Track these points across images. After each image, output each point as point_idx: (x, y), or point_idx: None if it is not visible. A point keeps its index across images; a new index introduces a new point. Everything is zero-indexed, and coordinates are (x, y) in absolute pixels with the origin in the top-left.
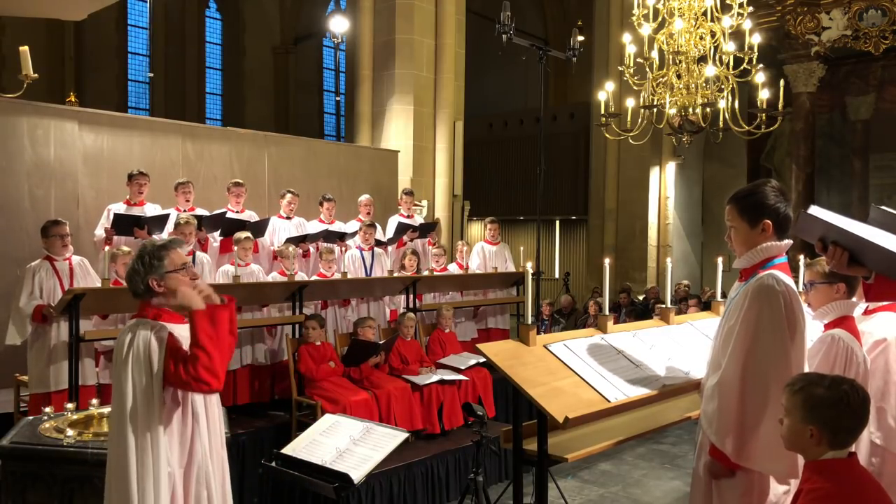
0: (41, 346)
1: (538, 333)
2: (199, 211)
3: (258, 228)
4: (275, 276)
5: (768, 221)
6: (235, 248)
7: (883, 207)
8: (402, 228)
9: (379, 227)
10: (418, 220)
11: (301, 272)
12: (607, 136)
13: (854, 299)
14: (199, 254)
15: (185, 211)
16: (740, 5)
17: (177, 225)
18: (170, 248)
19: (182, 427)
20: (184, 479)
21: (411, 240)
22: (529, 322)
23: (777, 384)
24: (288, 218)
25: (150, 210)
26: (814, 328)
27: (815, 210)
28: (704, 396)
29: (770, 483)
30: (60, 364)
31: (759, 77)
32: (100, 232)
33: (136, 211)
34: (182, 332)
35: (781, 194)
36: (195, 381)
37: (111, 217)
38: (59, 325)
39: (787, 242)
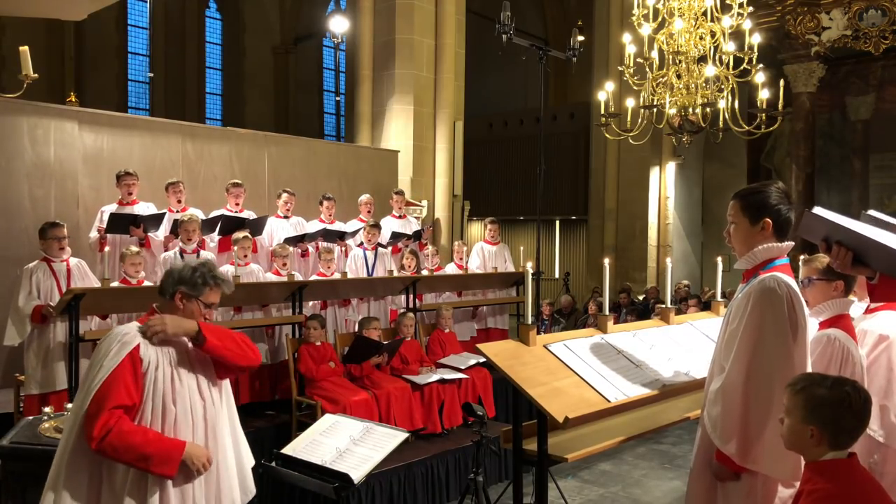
0: (38, 347)
1: (538, 333)
2: (193, 211)
3: (256, 226)
4: (268, 276)
5: (768, 220)
6: (235, 247)
7: (871, 212)
8: (395, 238)
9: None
10: (411, 220)
11: (296, 272)
12: (607, 136)
13: (854, 298)
14: (202, 252)
15: (177, 211)
16: (740, 5)
17: (180, 223)
18: (218, 284)
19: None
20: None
21: (406, 245)
22: (529, 322)
23: (781, 387)
24: (286, 217)
25: (142, 209)
26: (813, 327)
27: (819, 210)
28: (708, 400)
29: (775, 485)
30: (56, 365)
31: (759, 77)
32: (94, 234)
33: (127, 211)
34: (173, 346)
35: (786, 197)
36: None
37: (105, 218)
38: (55, 327)
39: (789, 244)
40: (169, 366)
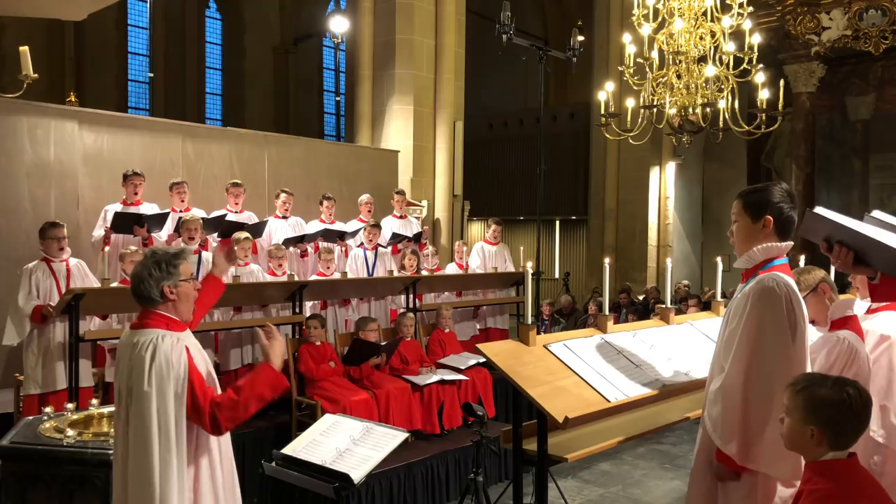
0: (37, 347)
1: (538, 333)
2: (196, 211)
3: (256, 230)
4: (268, 277)
5: (770, 218)
6: (235, 248)
7: (875, 214)
8: (395, 239)
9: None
10: (412, 220)
11: (295, 272)
12: (607, 136)
13: (857, 297)
14: (204, 253)
15: (181, 211)
16: (740, 5)
17: (182, 223)
18: (182, 258)
19: (189, 457)
20: None
21: (406, 246)
22: (529, 322)
23: (781, 386)
24: (284, 217)
25: (147, 210)
26: (815, 334)
27: (820, 210)
28: (708, 400)
29: (775, 485)
30: (56, 365)
31: (759, 77)
32: (98, 232)
33: (132, 210)
34: (190, 340)
35: (789, 196)
36: (213, 425)
37: (109, 218)
38: (54, 327)
39: (788, 244)
40: (203, 363)
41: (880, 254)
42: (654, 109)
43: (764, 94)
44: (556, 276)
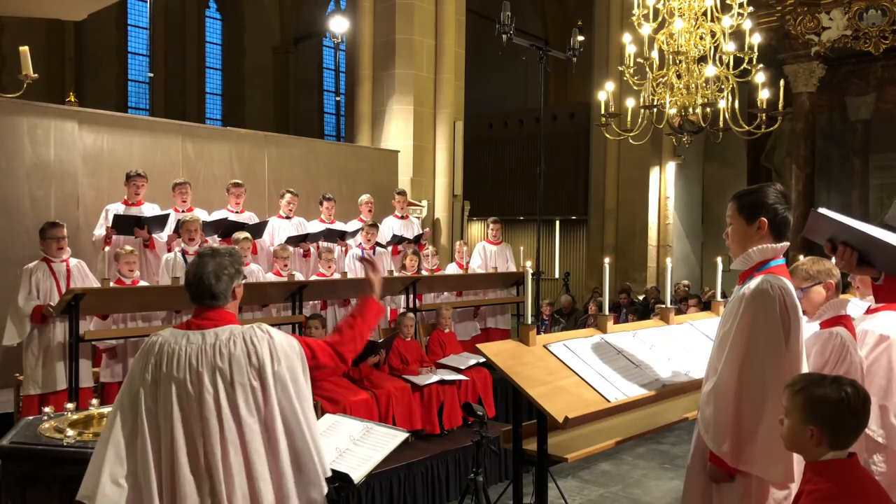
0: (36, 347)
1: (538, 333)
2: (198, 212)
3: (256, 230)
4: (269, 277)
5: (764, 219)
6: (235, 247)
7: None
8: (396, 240)
9: (381, 228)
10: (413, 220)
11: (297, 272)
12: (607, 136)
13: (851, 298)
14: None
15: (183, 211)
16: (740, 5)
17: (182, 224)
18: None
19: None
20: None
21: (408, 247)
22: (529, 322)
23: (773, 388)
24: (287, 218)
25: (148, 210)
26: (809, 330)
27: (825, 210)
28: (701, 402)
29: (769, 487)
30: (56, 365)
31: (759, 77)
32: (99, 232)
33: (133, 211)
34: None
35: (783, 197)
36: (340, 358)
37: (110, 217)
38: (54, 327)
39: (784, 245)
40: None
41: (885, 254)
42: (654, 109)
43: (764, 94)
44: (556, 276)
